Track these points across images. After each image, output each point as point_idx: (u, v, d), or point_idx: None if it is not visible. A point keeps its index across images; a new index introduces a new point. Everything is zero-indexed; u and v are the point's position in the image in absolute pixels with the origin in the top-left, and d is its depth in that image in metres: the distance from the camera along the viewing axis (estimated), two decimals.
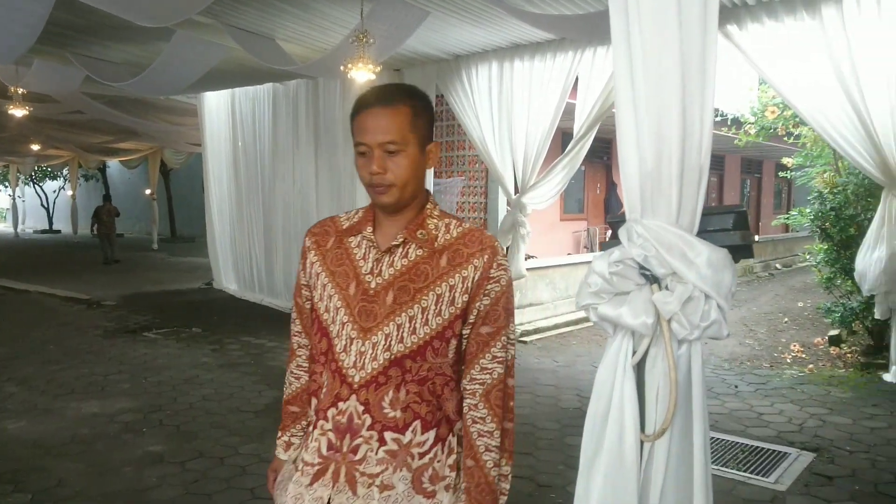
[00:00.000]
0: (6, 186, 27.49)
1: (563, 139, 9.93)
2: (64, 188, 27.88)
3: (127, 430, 4.85)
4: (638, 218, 1.90)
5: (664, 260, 1.85)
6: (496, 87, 7.40)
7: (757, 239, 15.13)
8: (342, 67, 5.46)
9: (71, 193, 23.60)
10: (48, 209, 29.79)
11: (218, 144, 11.09)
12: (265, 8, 5.80)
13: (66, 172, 25.44)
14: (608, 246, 2.01)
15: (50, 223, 30.06)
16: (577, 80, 6.93)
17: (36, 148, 16.80)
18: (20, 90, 8.36)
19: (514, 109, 7.27)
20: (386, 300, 1.52)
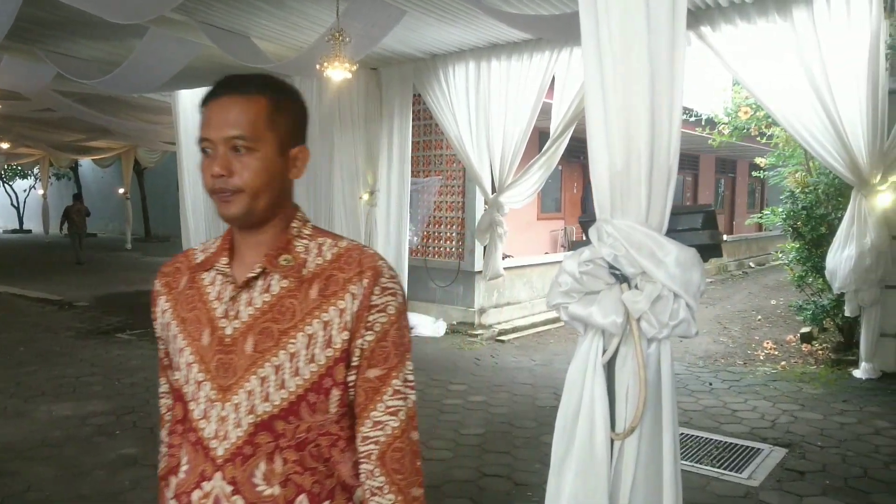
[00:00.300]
0: None
1: (540, 138, 9.96)
2: (35, 187, 27.34)
3: (99, 432, 4.78)
4: (608, 218, 1.92)
5: (634, 259, 1.87)
6: (473, 86, 7.41)
7: (726, 238, 15.34)
8: (318, 66, 5.43)
9: (42, 193, 23.20)
10: (18, 209, 29.23)
11: (193, 143, 10.86)
12: (240, 5, 5.75)
13: (37, 171, 24.96)
14: (579, 245, 2.02)
15: (20, 223, 29.49)
16: (553, 79, 6.97)
17: (5, 146, 16.50)
18: None
19: (491, 109, 7.29)
20: (245, 349, 1.22)
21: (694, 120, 9.27)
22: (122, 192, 19.55)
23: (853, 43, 5.32)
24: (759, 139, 8.36)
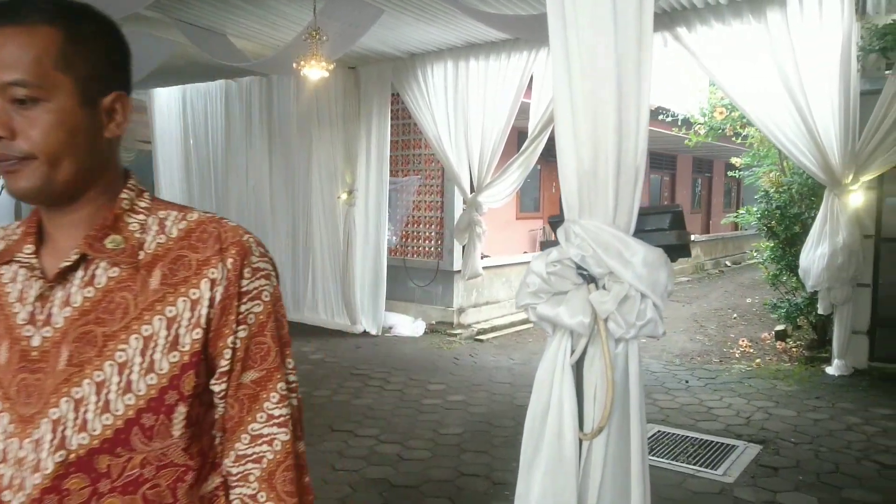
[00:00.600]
0: None
1: (518, 138, 9.99)
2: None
3: None
4: (576, 218, 1.93)
5: (601, 260, 1.88)
6: (451, 85, 7.41)
7: (703, 238, 15.51)
8: (295, 65, 5.40)
9: None
10: None
11: (168, 142, 10.87)
12: (216, 3, 5.70)
13: None
14: (547, 246, 2.03)
15: None
16: (531, 79, 6.99)
17: None
18: None
19: (469, 108, 7.29)
20: (58, 364, 0.92)
21: (671, 120, 9.35)
22: None
23: (826, 44, 5.41)
24: (734, 139, 8.46)
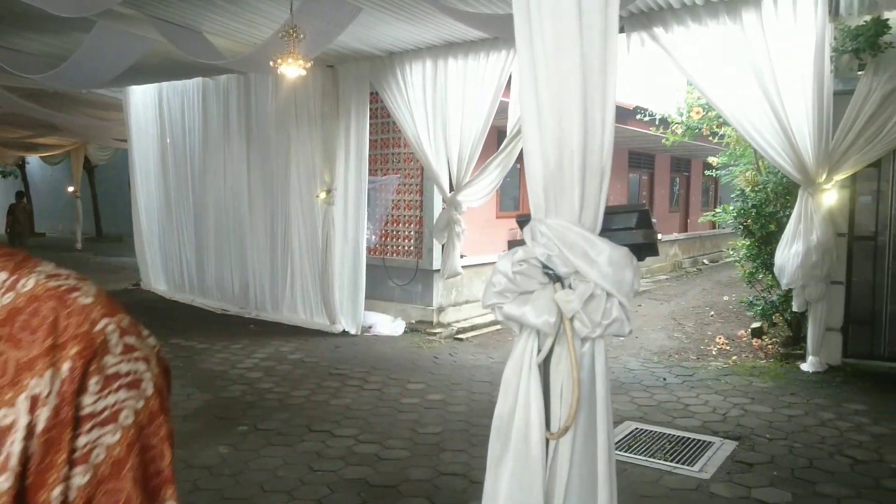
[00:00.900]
0: None
1: (498, 137, 10.01)
2: None
3: None
4: (542, 217, 1.92)
5: (567, 259, 1.88)
6: (430, 84, 7.40)
7: (673, 237, 15.62)
8: (271, 63, 5.36)
9: None
10: None
11: (145, 140, 10.75)
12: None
13: None
14: (515, 245, 2.03)
15: None
16: (510, 78, 6.99)
17: None
18: None
19: (448, 107, 7.29)
20: None
21: (648, 119, 9.41)
22: (71, 190, 19.03)
23: (800, 45, 5.48)
24: (711, 139, 8.53)
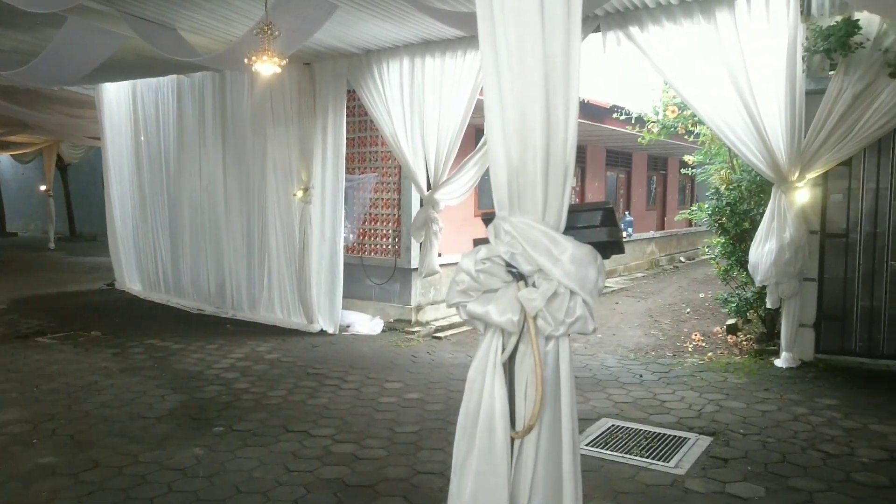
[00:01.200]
0: None
1: (475, 135, 10.01)
2: None
3: (15, 441, 4.54)
4: (505, 215, 1.92)
5: (530, 257, 1.87)
6: (407, 82, 7.37)
7: (657, 234, 15.74)
8: (246, 60, 5.30)
9: None
10: None
11: (119, 138, 10.60)
12: None
13: None
14: (479, 243, 2.02)
15: None
16: None
17: None
18: None
19: (425, 106, 7.27)
20: None
21: (625, 118, 9.47)
22: (44, 189, 18.71)
23: (772, 45, 5.55)
24: (686, 137, 8.60)
